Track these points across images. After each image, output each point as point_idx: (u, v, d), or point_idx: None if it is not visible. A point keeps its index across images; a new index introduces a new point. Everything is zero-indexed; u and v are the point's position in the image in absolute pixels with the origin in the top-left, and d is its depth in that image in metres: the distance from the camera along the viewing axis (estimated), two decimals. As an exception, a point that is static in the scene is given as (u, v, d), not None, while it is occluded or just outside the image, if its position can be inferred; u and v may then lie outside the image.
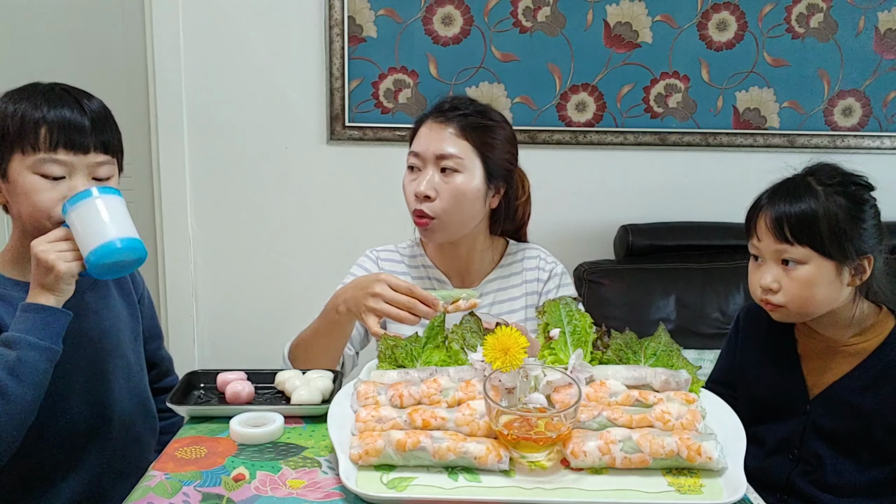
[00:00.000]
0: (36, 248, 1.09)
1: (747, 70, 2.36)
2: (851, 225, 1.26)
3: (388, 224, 1.98)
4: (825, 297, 1.28)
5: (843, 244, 1.25)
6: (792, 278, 1.27)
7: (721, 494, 0.90)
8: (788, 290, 1.28)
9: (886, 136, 2.44)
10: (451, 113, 1.45)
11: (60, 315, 1.10)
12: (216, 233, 2.42)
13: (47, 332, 1.08)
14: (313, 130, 2.36)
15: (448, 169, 1.42)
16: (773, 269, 1.29)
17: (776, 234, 1.27)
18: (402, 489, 0.91)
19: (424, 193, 1.42)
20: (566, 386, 1.00)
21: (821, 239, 1.24)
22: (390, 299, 1.24)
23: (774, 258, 1.29)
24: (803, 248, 1.25)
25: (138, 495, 0.92)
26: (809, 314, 1.31)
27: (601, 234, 2.40)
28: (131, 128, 2.41)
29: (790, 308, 1.29)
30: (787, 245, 1.26)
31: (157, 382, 1.44)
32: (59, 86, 1.20)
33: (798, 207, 1.26)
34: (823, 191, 1.27)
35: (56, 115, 1.14)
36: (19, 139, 1.13)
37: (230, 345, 2.47)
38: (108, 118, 1.21)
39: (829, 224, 1.24)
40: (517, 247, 1.60)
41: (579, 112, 2.37)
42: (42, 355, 1.08)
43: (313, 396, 1.16)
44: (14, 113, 1.14)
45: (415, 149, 1.46)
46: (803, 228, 1.25)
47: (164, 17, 2.27)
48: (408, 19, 2.29)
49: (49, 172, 1.13)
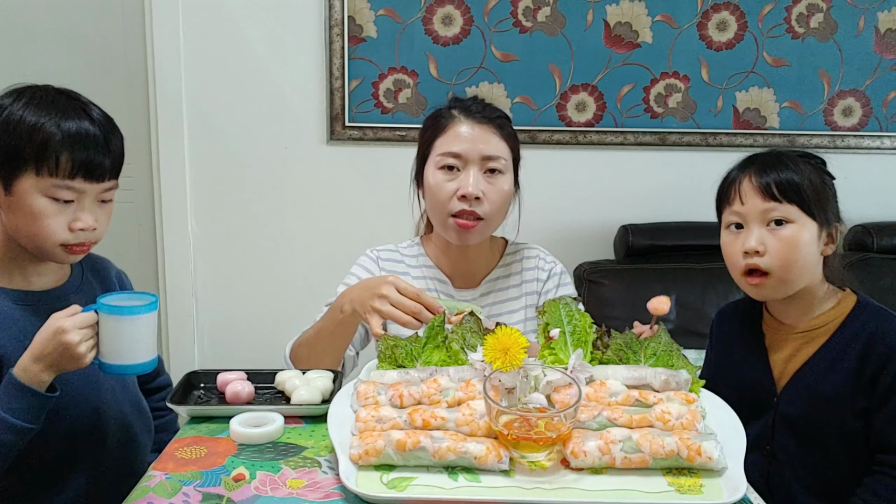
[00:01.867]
0: (69, 337, 1.05)
1: (747, 70, 2.36)
2: (825, 191, 1.32)
3: (388, 224, 1.98)
4: (807, 261, 1.30)
5: (823, 205, 1.31)
6: (778, 238, 1.29)
7: (721, 494, 0.90)
8: (774, 251, 1.29)
9: (886, 136, 2.44)
10: (486, 113, 1.44)
11: (49, 400, 1.10)
12: (216, 233, 2.42)
13: (30, 415, 1.08)
14: (313, 130, 2.36)
15: (495, 170, 1.42)
16: (758, 230, 1.30)
17: (764, 193, 1.29)
18: (402, 489, 0.91)
19: (475, 195, 1.39)
20: (566, 386, 1.00)
21: (807, 199, 1.29)
22: (397, 302, 1.24)
23: (760, 219, 1.30)
24: (791, 205, 1.29)
25: (138, 495, 0.92)
26: (791, 283, 1.31)
27: (601, 234, 2.40)
28: (131, 128, 2.41)
29: (774, 274, 1.30)
30: (777, 203, 1.29)
31: (149, 383, 1.45)
32: (68, 94, 1.18)
33: (782, 171, 1.30)
34: (798, 160, 1.33)
35: (78, 139, 1.12)
36: (36, 160, 1.11)
37: (230, 345, 2.47)
38: (117, 133, 1.20)
39: (811, 186, 1.30)
40: (516, 246, 1.60)
41: (579, 112, 2.37)
42: (19, 436, 1.08)
43: (313, 396, 1.16)
44: (32, 127, 1.11)
45: (454, 149, 1.41)
46: (791, 188, 1.29)
47: (164, 17, 2.28)
48: (408, 19, 2.29)
49: (61, 197, 1.13)
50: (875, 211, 2.43)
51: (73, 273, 1.30)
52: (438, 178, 1.43)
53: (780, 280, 1.30)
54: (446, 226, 1.44)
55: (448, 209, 1.42)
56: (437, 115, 1.48)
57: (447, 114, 1.46)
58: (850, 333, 1.31)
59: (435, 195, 1.43)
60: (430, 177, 1.44)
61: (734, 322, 1.46)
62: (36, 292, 1.22)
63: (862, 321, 1.32)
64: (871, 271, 2.27)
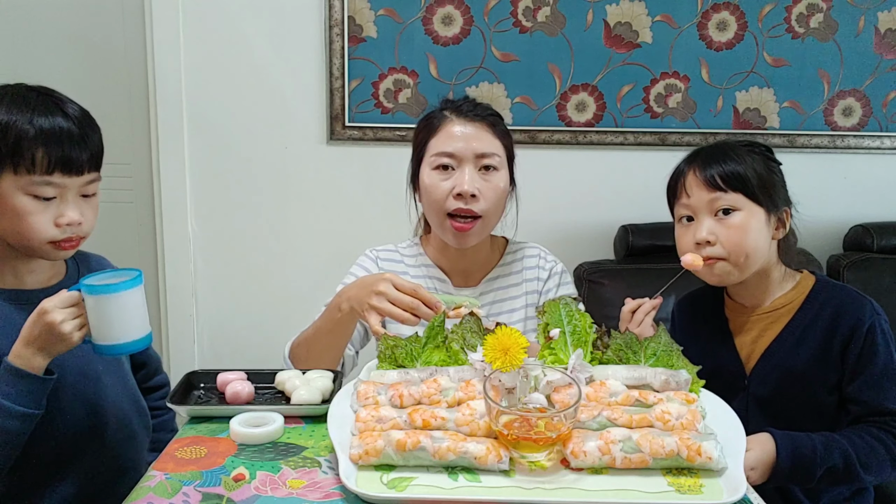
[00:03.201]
0: (51, 316, 1.06)
1: (747, 70, 2.36)
2: (771, 178, 1.36)
3: (388, 224, 1.98)
4: (758, 245, 1.33)
5: (769, 192, 1.35)
6: (727, 226, 1.33)
7: (721, 494, 0.90)
8: (725, 239, 1.33)
9: (886, 136, 2.44)
10: (478, 111, 1.45)
11: (47, 382, 1.10)
12: (216, 233, 2.42)
13: (30, 399, 1.08)
14: (313, 130, 2.36)
15: (489, 167, 1.43)
16: (707, 221, 1.34)
17: (709, 184, 1.34)
18: (402, 489, 0.91)
19: (471, 192, 1.40)
20: (566, 386, 1.00)
21: (751, 187, 1.33)
22: (394, 299, 1.24)
23: (708, 209, 1.34)
24: (736, 194, 1.33)
25: (138, 495, 0.92)
26: (746, 266, 1.34)
27: (601, 234, 2.40)
28: (131, 128, 2.41)
29: (729, 259, 1.33)
30: (721, 192, 1.33)
31: (146, 382, 1.45)
32: (40, 91, 1.18)
33: (725, 162, 1.34)
34: (742, 150, 1.37)
35: (52, 135, 1.12)
36: (12, 158, 1.11)
37: (230, 345, 2.47)
38: (95, 128, 1.20)
39: (755, 175, 1.34)
40: (517, 245, 1.60)
41: (579, 112, 2.37)
42: (22, 423, 1.08)
43: (313, 396, 1.16)
44: (5, 126, 1.11)
45: (448, 149, 1.42)
46: (734, 177, 1.33)
47: (164, 17, 2.27)
48: (408, 19, 2.29)
49: (42, 194, 1.13)
50: (875, 211, 2.44)
51: (69, 271, 1.31)
52: (434, 178, 1.44)
53: (733, 264, 1.34)
54: (444, 228, 1.45)
55: (445, 208, 1.43)
56: (429, 117, 1.49)
57: (439, 115, 1.47)
58: (814, 310, 1.36)
59: (431, 195, 1.44)
60: (426, 177, 1.45)
61: (696, 311, 1.51)
62: (30, 291, 1.22)
63: (824, 297, 1.37)
64: (871, 271, 2.27)
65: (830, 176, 2.45)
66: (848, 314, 1.33)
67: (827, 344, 1.33)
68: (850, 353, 1.31)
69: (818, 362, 1.33)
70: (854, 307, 1.34)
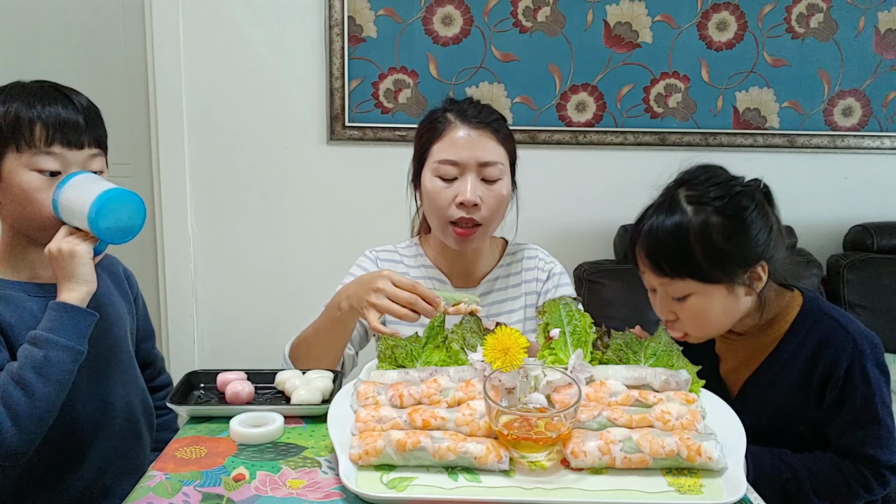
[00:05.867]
0: (50, 247, 1.12)
1: (747, 70, 2.36)
2: (730, 244, 1.17)
3: (388, 224, 1.98)
4: (724, 318, 1.24)
5: (725, 265, 1.18)
6: (684, 309, 1.23)
7: (721, 494, 0.90)
8: (684, 320, 1.24)
9: (886, 136, 2.44)
10: (482, 118, 1.43)
11: (87, 315, 1.12)
12: (216, 233, 2.42)
13: (74, 333, 1.10)
14: (313, 130, 2.36)
15: (491, 176, 1.41)
16: (665, 300, 1.25)
17: (654, 268, 1.22)
18: (402, 489, 0.91)
19: (473, 201, 1.39)
20: (566, 386, 1.00)
21: (698, 267, 1.17)
22: (392, 295, 1.24)
23: (662, 291, 1.25)
24: (683, 280, 1.19)
25: (138, 495, 0.92)
26: (716, 334, 1.29)
27: (601, 234, 2.40)
28: (131, 128, 2.42)
29: (694, 334, 1.26)
30: (668, 279, 1.21)
31: (151, 381, 1.45)
32: (47, 83, 1.20)
33: (669, 235, 1.18)
34: (694, 210, 1.19)
35: (50, 112, 1.14)
36: (13, 137, 1.13)
37: (230, 345, 2.48)
38: (98, 114, 1.22)
39: (704, 249, 1.17)
40: (516, 247, 1.60)
41: (579, 112, 2.37)
42: (68, 355, 1.09)
43: (313, 396, 1.16)
44: (6, 112, 1.14)
45: (451, 157, 1.40)
46: (678, 259, 1.18)
47: (164, 17, 2.28)
48: (408, 19, 2.29)
49: (45, 167, 1.14)
50: (875, 211, 2.44)
51: None
52: (437, 185, 1.43)
53: (702, 336, 1.27)
54: (446, 233, 1.45)
55: (447, 216, 1.42)
56: (432, 118, 1.46)
57: (443, 117, 1.44)
58: (797, 342, 1.27)
59: (433, 202, 1.43)
60: (428, 182, 1.44)
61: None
62: (45, 284, 1.22)
63: (809, 326, 1.26)
64: (871, 271, 2.27)
65: (830, 176, 2.46)
66: (829, 351, 1.23)
67: (806, 379, 1.25)
68: (829, 392, 1.23)
69: (796, 397, 1.26)
70: (836, 342, 1.23)
